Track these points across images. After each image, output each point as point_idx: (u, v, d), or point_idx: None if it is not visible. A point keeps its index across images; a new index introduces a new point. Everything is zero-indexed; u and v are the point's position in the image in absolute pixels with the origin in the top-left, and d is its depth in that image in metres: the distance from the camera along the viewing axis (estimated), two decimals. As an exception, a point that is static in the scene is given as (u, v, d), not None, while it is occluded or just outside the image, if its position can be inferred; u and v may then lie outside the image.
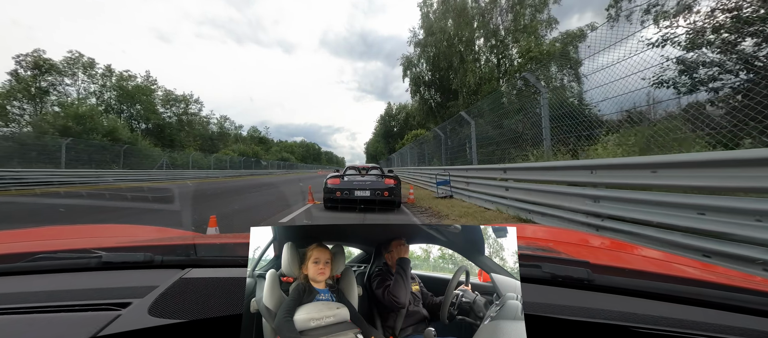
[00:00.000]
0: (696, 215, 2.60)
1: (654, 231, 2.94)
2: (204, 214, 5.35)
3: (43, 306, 0.58)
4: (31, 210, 7.19)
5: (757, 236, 2.19)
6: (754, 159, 2.22)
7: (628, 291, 0.64)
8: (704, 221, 2.53)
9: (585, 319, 0.56)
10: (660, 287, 0.65)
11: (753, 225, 2.22)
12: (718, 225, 2.43)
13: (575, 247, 1.17)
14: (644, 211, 3.04)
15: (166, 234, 1.43)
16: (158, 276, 0.68)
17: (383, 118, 61.14)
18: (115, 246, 0.97)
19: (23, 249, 0.95)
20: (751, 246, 2.24)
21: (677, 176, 2.78)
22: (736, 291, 0.66)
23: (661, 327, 0.54)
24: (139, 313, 0.56)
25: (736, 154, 2.36)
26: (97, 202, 8.48)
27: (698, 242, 2.58)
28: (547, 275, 0.67)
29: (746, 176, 2.28)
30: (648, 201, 3.00)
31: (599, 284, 0.65)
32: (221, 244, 1.06)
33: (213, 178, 25.34)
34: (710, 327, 0.54)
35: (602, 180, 3.60)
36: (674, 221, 2.75)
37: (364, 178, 6.67)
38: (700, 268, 1.05)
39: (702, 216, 2.56)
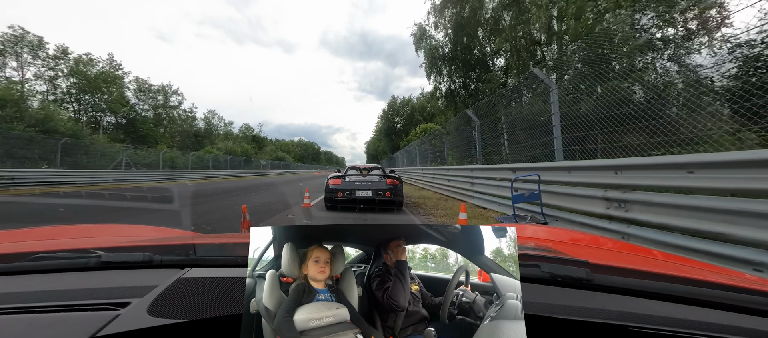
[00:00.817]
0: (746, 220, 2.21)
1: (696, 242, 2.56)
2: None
3: (42, 306, 0.58)
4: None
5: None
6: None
7: (627, 291, 0.64)
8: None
9: (584, 319, 0.56)
10: (659, 287, 0.65)
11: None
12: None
13: (574, 247, 1.18)
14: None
15: (165, 234, 1.43)
16: (157, 276, 0.68)
17: (385, 113, 56.07)
18: (114, 245, 0.97)
19: (22, 248, 0.94)
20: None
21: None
22: (736, 291, 0.66)
23: (661, 327, 0.54)
24: (138, 313, 0.56)
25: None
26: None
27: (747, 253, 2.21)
28: (547, 275, 0.67)
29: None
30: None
31: (598, 284, 0.65)
32: (221, 244, 1.05)
33: (183, 180, 20.75)
34: (710, 327, 0.54)
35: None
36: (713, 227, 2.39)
37: (365, 178, 6.63)
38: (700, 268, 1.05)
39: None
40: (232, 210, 6.61)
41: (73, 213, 6.39)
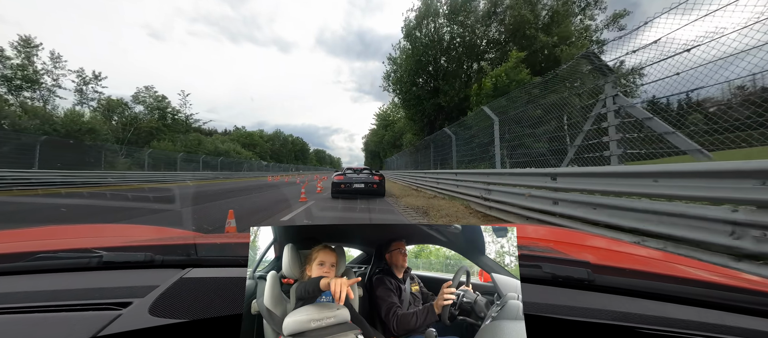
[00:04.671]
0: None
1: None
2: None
3: (44, 305, 0.58)
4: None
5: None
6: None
7: (628, 292, 0.64)
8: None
9: (586, 319, 0.56)
10: (661, 287, 0.65)
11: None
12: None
13: (576, 247, 1.17)
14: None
15: (166, 234, 1.43)
16: (159, 276, 0.68)
17: (381, 114, 51.51)
18: (115, 245, 0.97)
19: (24, 248, 0.95)
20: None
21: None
22: (736, 292, 0.66)
23: (662, 327, 0.54)
24: (139, 313, 0.56)
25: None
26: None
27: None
28: (548, 275, 0.67)
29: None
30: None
31: (600, 284, 0.65)
32: (222, 244, 1.06)
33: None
34: (711, 327, 0.54)
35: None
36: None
37: (359, 175, 10.12)
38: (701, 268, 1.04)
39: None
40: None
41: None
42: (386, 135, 48.03)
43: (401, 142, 37.64)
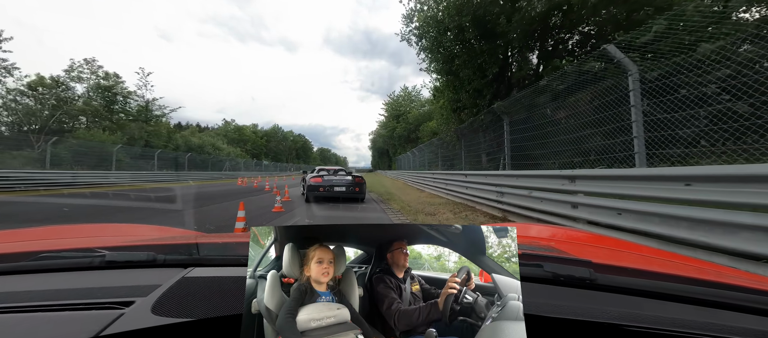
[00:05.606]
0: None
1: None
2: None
3: (47, 305, 0.58)
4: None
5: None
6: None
7: (630, 291, 0.64)
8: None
9: (587, 319, 0.56)
10: (662, 286, 0.64)
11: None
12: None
13: (577, 247, 1.17)
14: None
15: (168, 234, 1.44)
16: (161, 275, 0.68)
17: (392, 103, 45.90)
18: (118, 245, 0.98)
19: (27, 248, 0.95)
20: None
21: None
22: (738, 291, 0.66)
23: (663, 327, 0.54)
24: (142, 312, 0.56)
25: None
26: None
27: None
28: (549, 275, 0.66)
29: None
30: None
31: (601, 283, 0.65)
32: (223, 243, 1.06)
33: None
34: (712, 327, 0.54)
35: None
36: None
37: (339, 178, 9.01)
38: (704, 268, 1.04)
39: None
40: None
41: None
42: (398, 127, 41.85)
43: (416, 135, 32.50)
